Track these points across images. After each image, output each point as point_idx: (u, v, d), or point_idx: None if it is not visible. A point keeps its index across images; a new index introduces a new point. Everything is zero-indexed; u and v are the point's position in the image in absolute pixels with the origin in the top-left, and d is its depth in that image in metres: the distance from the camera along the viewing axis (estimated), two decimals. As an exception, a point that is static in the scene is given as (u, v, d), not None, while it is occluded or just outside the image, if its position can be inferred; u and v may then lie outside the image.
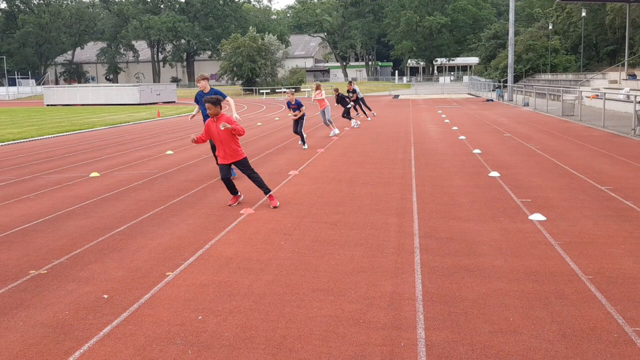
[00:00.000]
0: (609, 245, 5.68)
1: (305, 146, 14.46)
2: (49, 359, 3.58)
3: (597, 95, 25.99)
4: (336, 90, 21.13)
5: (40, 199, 8.74)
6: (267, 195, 7.78)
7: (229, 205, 7.85)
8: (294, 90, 18.09)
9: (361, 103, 24.05)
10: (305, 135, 14.79)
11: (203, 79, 9.79)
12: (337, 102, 20.49)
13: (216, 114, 7.39)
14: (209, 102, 7.31)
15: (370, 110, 25.53)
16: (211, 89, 9.86)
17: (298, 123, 14.62)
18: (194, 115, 10.58)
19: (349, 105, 20.81)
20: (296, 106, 14.39)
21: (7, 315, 4.28)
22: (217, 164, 7.81)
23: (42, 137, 20.03)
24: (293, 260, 5.43)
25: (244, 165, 7.64)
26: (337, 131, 17.54)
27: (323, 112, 17.37)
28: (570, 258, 5.30)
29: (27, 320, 4.18)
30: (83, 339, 3.84)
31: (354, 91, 22.52)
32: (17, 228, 6.88)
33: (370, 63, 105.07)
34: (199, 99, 9.95)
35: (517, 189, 8.53)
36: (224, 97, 9.70)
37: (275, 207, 7.61)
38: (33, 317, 4.23)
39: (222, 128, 7.30)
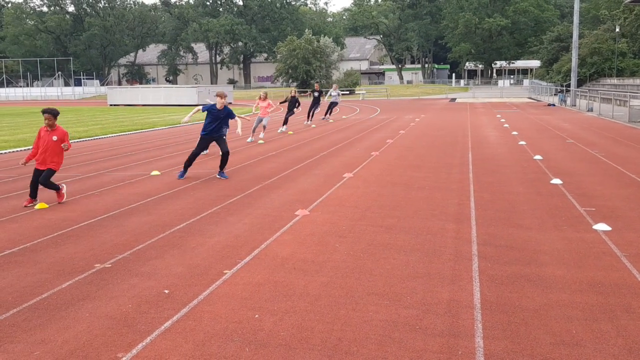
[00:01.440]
0: (680, 258, 5.41)
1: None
2: (113, 350, 3.72)
3: (667, 101, 24.79)
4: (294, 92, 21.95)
5: (104, 195, 9.08)
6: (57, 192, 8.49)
7: (24, 205, 8.19)
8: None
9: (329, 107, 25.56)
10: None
11: (222, 97, 10.46)
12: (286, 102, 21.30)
13: (52, 126, 8.28)
14: (49, 112, 8.23)
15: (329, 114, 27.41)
16: (225, 107, 10.54)
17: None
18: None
19: (295, 110, 21.41)
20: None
21: (74, 306, 4.47)
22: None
23: (106, 136, 20.81)
24: (348, 263, 5.43)
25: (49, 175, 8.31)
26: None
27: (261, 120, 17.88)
28: (638, 270, 5.08)
29: (92, 311, 4.35)
30: (145, 332, 3.97)
31: (320, 92, 23.81)
32: (83, 223, 7.17)
33: (426, 65, 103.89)
34: (212, 112, 10.54)
35: (581, 197, 8.24)
36: (234, 116, 10.71)
37: (60, 203, 8.34)
38: (98, 309, 4.40)
39: (55, 139, 8.24)
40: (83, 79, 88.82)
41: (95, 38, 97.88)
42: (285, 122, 21.25)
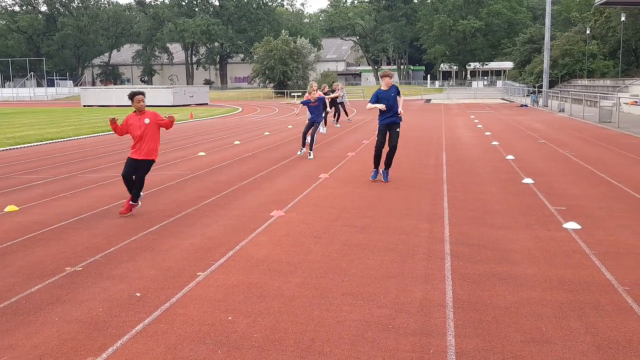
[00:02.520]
0: (646, 256, 5.53)
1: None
2: (83, 354, 3.66)
3: (636, 102, 25.35)
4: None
5: (76, 197, 8.95)
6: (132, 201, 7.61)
7: (121, 214, 7.50)
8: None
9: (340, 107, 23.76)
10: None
11: (390, 77, 9.78)
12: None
13: (141, 109, 7.52)
14: (142, 93, 7.55)
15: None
16: (392, 86, 9.67)
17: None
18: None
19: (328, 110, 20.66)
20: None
21: (44, 310, 4.39)
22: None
23: (79, 137, 20.50)
24: (323, 263, 5.44)
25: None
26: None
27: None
28: (606, 268, 5.18)
29: (62, 315, 4.28)
30: (116, 335, 3.92)
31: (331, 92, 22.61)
32: (55, 225, 7.06)
33: (402, 67, 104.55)
34: (379, 95, 9.61)
35: (552, 197, 8.37)
36: (399, 94, 9.65)
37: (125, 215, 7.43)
38: (68, 312, 4.33)
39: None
40: (56, 79, 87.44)
41: (68, 38, 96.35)
42: (325, 123, 19.75)
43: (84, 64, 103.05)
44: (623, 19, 42.24)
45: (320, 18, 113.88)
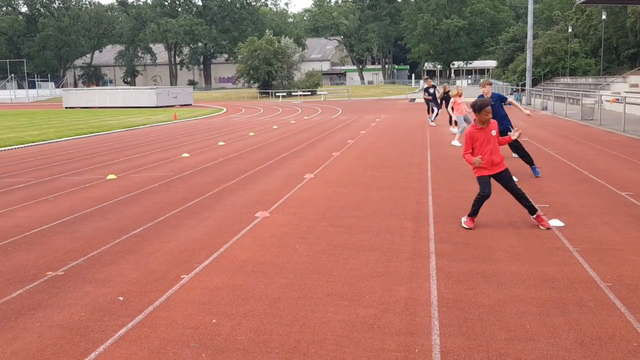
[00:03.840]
0: (628, 252, 5.59)
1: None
2: (65, 359, 3.61)
3: (618, 99, 25.65)
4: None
5: (58, 200, 8.84)
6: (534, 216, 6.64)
7: (468, 227, 6.61)
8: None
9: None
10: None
11: (485, 85, 10.33)
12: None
13: (487, 122, 6.55)
14: (489, 104, 6.53)
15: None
16: (493, 94, 10.15)
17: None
18: None
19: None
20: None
21: (24, 315, 4.32)
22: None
23: (60, 140, 20.27)
24: (308, 264, 5.42)
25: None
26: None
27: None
28: (589, 265, 5.22)
29: (44, 321, 4.22)
30: (99, 340, 3.87)
31: (434, 87, 21.90)
32: (35, 229, 6.96)
33: (386, 66, 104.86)
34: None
35: (535, 194, 8.43)
36: (505, 99, 10.25)
37: (547, 229, 6.47)
38: (50, 318, 4.27)
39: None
40: (37, 81, 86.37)
41: (49, 39, 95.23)
42: (450, 122, 18.76)
43: (65, 65, 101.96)
44: (604, 17, 42.75)
45: (305, 18, 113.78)
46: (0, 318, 4.29)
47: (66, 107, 52.26)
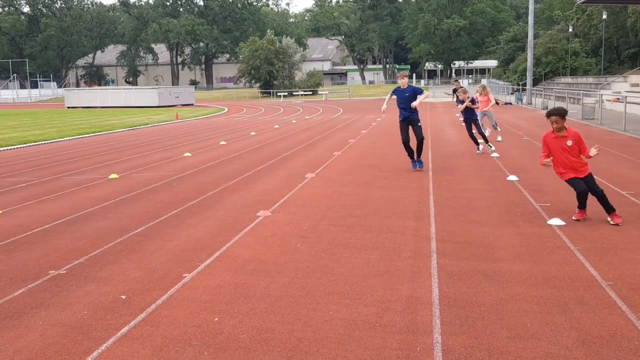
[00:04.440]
0: (629, 251, 5.59)
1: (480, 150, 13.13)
2: (67, 358, 3.62)
3: (618, 99, 25.63)
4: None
5: (60, 200, 8.86)
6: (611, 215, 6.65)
7: (577, 219, 6.76)
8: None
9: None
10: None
11: (402, 77, 10.95)
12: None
13: (560, 129, 6.68)
14: (557, 114, 6.67)
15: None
16: (409, 85, 10.85)
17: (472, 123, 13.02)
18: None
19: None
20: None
21: (27, 314, 4.34)
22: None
23: (62, 139, 20.30)
24: (309, 263, 5.43)
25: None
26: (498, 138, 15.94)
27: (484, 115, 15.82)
28: (590, 264, 5.23)
29: (46, 319, 4.23)
30: (101, 339, 3.88)
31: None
32: (38, 229, 6.98)
33: (387, 66, 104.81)
34: (397, 92, 10.93)
35: (536, 193, 8.44)
36: (421, 92, 10.68)
37: (617, 224, 6.50)
38: (52, 316, 4.28)
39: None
40: (40, 81, 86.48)
41: (51, 39, 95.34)
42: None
43: (67, 65, 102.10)
44: (604, 17, 42.70)
45: (306, 18, 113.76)
46: (3, 317, 4.30)
47: (68, 107, 52.32)
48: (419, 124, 10.86)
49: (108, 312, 4.33)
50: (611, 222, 6.59)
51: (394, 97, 10.93)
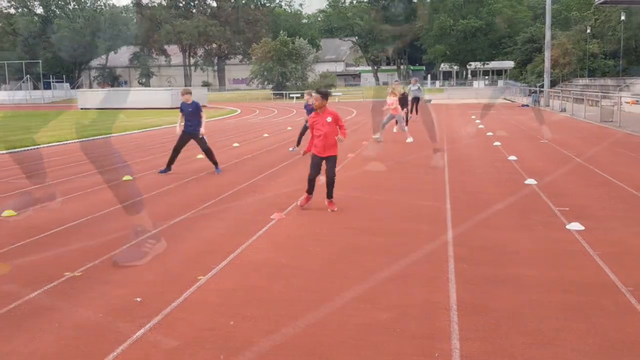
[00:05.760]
0: (650, 256, 5.49)
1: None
2: (82, 361, 3.61)
3: (637, 101, 25.32)
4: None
5: (74, 201, 8.90)
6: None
7: (301, 206, 7.85)
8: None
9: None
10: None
11: (187, 93, 11.64)
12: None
13: (321, 107, 7.61)
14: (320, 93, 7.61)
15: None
16: (193, 102, 11.58)
17: None
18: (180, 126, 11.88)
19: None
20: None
21: (42, 316, 4.34)
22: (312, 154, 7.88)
23: (76, 141, 20.44)
24: (323, 266, 5.39)
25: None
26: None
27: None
28: (610, 269, 5.14)
29: (61, 321, 4.23)
30: (116, 341, 3.87)
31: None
32: (52, 230, 7.00)
33: (401, 67, 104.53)
34: (184, 108, 11.52)
35: (554, 197, 8.33)
36: (200, 111, 11.64)
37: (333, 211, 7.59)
38: (67, 319, 4.28)
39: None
40: (53, 82, 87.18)
41: (65, 40, 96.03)
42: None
43: (80, 66, 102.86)
44: (623, 18, 42.22)
45: (319, 18, 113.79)
46: (18, 318, 4.31)
47: (82, 108, 52.72)
48: (201, 136, 11.35)
49: (123, 315, 4.32)
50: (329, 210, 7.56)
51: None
